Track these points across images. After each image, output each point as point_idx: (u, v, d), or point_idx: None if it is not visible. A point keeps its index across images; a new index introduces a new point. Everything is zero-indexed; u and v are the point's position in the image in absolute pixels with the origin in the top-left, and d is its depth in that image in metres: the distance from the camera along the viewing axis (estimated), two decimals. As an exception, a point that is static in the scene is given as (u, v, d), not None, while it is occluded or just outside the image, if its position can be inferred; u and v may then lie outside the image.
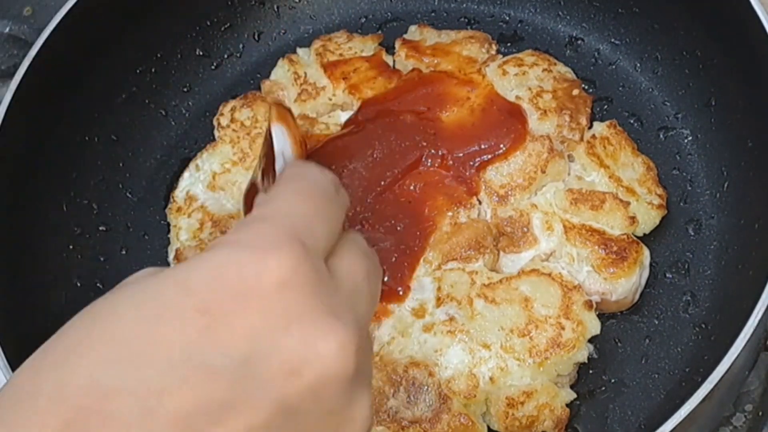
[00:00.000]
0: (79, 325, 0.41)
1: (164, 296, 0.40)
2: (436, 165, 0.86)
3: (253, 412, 0.39)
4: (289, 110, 0.61)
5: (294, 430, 0.40)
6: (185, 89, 1.01)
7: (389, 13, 1.04)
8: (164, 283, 0.40)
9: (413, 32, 0.98)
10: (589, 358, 0.79)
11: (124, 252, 0.94)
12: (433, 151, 0.86)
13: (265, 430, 0.39)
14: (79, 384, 0.38)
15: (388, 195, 0.85)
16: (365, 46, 0.97)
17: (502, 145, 0.86)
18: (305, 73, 0.95)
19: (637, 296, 0.83)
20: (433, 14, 1.03)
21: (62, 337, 0.40)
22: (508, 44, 0.99)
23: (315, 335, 0.40)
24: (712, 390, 0.67)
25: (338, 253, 0.45)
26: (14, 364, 0.76)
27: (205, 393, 0.38)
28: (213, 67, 1.03)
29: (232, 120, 0.93)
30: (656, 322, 0.83)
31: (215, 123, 0.94)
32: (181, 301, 0.39)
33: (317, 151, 0.89)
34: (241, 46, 1.03)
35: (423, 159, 0.86)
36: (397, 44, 0.96)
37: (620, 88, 0.95)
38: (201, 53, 1.02)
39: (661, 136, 0.92)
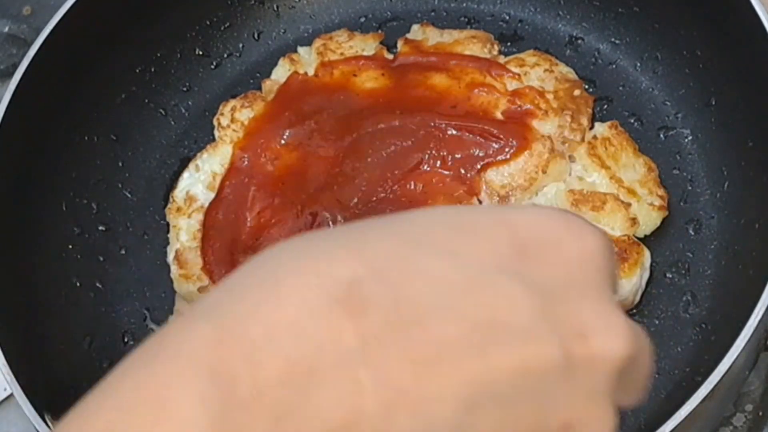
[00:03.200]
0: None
1: (479, 217, 0.41)
2: (437, 166, 0.86)
3: (540, 347, 0.37)
4: None
5: (556, 394, 0.38)
6: (185, 89, 1.01)
7: (389, 13, 1.04)
8: (479, 209, 0.42)
9: (416, 31, 0.98)
10: (589, 358, 0.79)
11: (123, 252, 0.93)
12: (434, 152, 0.86)
13: (541, 376, 0.37)
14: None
15: (389, 195, 0.85)
16: (366, 45, 0.97)
17: (507, 149, 0.85)
18: (306, 72, 0.95)
19: (637, 297, 0.83)
20: (433, 13, 1.03)
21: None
22: (509, 44, 0.98)
23: (607, 312, 0.40)
24: (713, 390, 0.67)
25: None
26: (14, 364, 0.76)
27: (510, 306, 0.37)
28: (213, 67, 1.02)
29: (233, 120, 0.93)
30: (656, 322, 0.83)
31: (215, 123, 0.94)
32: (498, 225, 0.40)
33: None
34: (240, 45, 1.03)
35: (424, 160, 0.86)
36: (400, 43, 0.96)
37: (620, 88, 0.95)
38: (201, 53, 1.02)
39: (661, 135, 0.92)
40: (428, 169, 0.86)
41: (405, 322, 0.36)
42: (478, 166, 0.85)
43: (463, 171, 0.85)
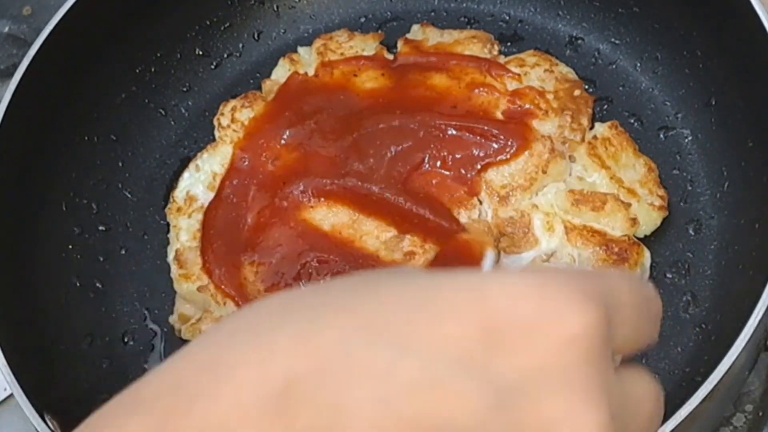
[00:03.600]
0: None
1: (456, 294, 0.37)
2: (437, 166, 0.86)
3: None
4: None
5: None
6: (185, 89, 1.01)
7: (389, 13, 1.04)
8: (456, 281, 0.37)
9: (416, 32, 0.98)
10: (589, 358, 0.79)
11: (123, 252, 0.93)
12: (435, 152, 0.86)
13: None
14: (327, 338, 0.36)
15: (391, 195, 0.85)
16: (366, 45, 0.97)
17: (507, 149, 0.85)
18: (306, 73, 0.95)
19: (638, 298, 0.83)
20: (432, 14, 1.03)
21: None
22: (508, 44, 0.98)
23: (579, 409, 0.36)
24: (713, 390, 0.67)
25: (630, 371, 0.41)
26: (14, 364, 0.76)
27: (456, 405, 0.35)
28: (213, 67, 1.02)
29: (233, 120, 0.93)
30: (656, 322, 0.83)
31: (215, 123, 0.94)
32: (470, 305, 0.36)
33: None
34: (240, 45, 1.03)
35: (425, 160, 0.86)
36: (400, 43, 0.96)
37: (620, 88, 0.95)
38: (200, 53, 1.02)
39: (661, 135, 0.92)
40: (429, 168, 0.86)
41: (336, 429, 0.34)
42: (479, 166, 0.85)
43: (463, 171, 0.85)
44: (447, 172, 0.85)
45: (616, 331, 0.39)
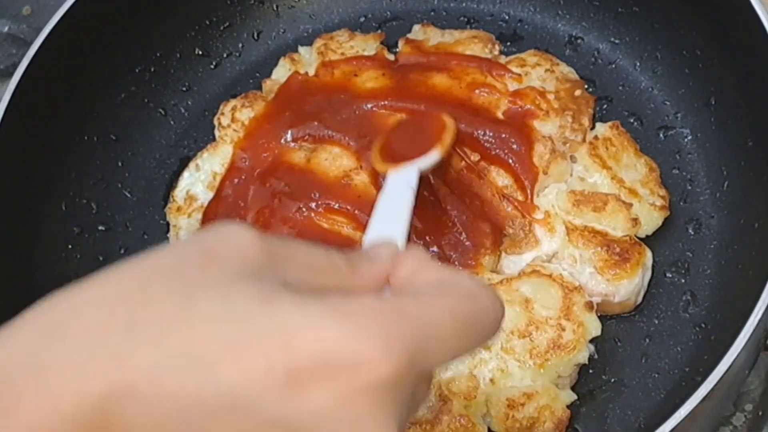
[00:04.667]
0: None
1: (269, 329, 0.38)
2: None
3: None
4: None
5: None
6: (184, 88, 1.01)
7: (389, 12, 1.04)
8: (273, 313, 0.38)
9: (417, 31, 0.98)
10: (588, 358, 0.79)
11: (123, 252, 0.93)
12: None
13: None
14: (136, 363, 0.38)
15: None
16: (367, 44, 0.97)
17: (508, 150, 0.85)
18: (306, 72, 0.95)
19: (640, 298, 0.83)
20: (432, 13, 1.03)
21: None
22: (508, 43, 0.98)
23: None
24: (712, 390, 0.67)
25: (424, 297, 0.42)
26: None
27: None
28: (212, 67, 1.02)
29: (233, 119, 0.93)
30: (656, 322, 0.83)
31: (216, 122, 0.94)
32: (279, 345, 0.38)
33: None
34: (240, 45, 1.03)
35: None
36: (401, 43, 0.96)
37: (620, 88, 0.95)
38: (200, 52, 1.02)
39: (661, 135, 0.92)
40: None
41: None
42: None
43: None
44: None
45: (427, 360, 0.40)
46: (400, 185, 0.69)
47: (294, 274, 0.42)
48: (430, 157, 0.78)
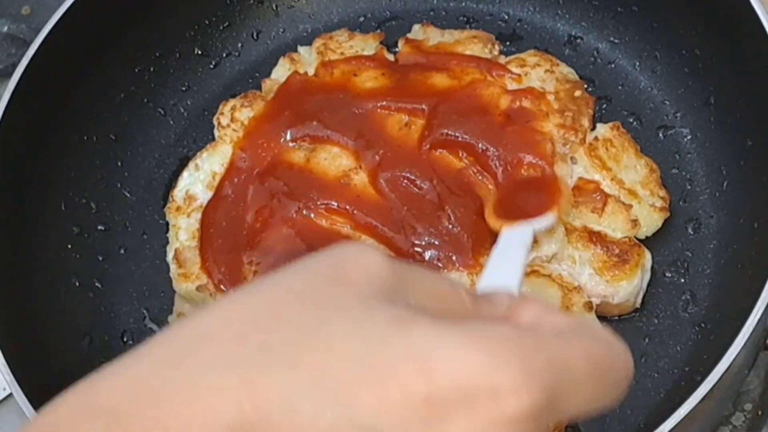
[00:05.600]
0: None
1: (404, 357, 0.37)
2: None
3: None
4: None
5: None
6: (184, 88, 1.01)
7: (388, 12, 1.04)
8: (407, 339, 0.37)
9: (416, 31, 0.98)
10: (588, 358, 0.79)
11: (122, 251, 0.93)
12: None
13: None
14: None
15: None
16: (367, 44, 0.97)
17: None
18: (306, 72, 0.95)
19: (639, 300, 0.83)
20: (432, 13, 1.03)
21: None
22: (507, 43, 0.98)
23: None
24: (712, 389, 0.67)
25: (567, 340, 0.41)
26: (14, 364, 0.76)
27: None
28: (212, 66, 1.02)
29: (233, 119, 0.93)
30: (655, 322, 0.83)
31: (215, 122, 0.94)
32: (416, 373, 0.37)
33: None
34: (239, 45, 1.03)
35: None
36: (400, 43, 0.96)
37: (619, 87, 0.95)
38: (200, 52, 1.02)
39: (661, 135, 0.92)
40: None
41: None
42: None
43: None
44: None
45: (562, 403, 0.39)
46: (515, 241, 0.70)
47: (419, 299, 0.41)
48: (546, 220, 0.78)
